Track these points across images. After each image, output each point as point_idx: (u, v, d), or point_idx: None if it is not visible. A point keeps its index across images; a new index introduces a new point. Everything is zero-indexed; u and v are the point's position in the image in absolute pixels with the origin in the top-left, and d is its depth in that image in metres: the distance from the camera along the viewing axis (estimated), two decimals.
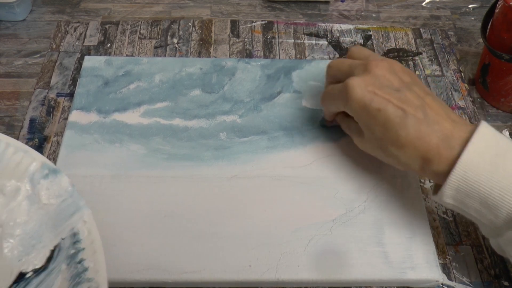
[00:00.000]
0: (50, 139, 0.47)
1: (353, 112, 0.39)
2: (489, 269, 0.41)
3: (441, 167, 0.35)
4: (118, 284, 0.38)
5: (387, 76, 0.38)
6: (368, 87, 0.37)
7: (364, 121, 0.38)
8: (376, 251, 0.39)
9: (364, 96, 0.37)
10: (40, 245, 0.32)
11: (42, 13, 0.59)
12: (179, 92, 0.49)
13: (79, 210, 0.32)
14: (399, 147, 0.36)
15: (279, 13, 0.61)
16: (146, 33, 0.57)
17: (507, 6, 0.46)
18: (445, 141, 0.35)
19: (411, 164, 0.37)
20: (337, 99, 0.40)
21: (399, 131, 0.36)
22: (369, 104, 0.37)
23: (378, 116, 0.37)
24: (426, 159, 0.35)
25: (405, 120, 0.36)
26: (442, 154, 0.35)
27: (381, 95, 0.37)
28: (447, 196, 0.35)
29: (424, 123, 0.36)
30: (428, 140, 0.35)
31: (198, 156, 0.44)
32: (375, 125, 0.37)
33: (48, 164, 0.34)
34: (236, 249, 0.39)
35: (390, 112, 0.36)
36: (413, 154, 0.36)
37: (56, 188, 0.33)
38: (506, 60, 0.47)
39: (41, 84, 0.52)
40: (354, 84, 0.37)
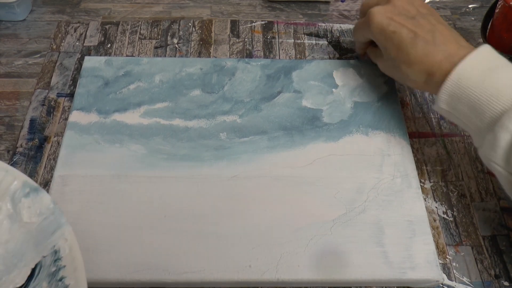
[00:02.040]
0: (50, 139, 0.47)
1: (374, 36, 0.45)
2: (489, 269, 0.41)
3: (440, 78, 0.40)
4: (118, 284, 0.38)
5: (405, 6, 0.44)
6: (387, 13, 0.44)
7: (382, 43, 0.44)
8: (376, 251, 0.39)
9: (383, 21, 0.43)
10: (21, 264, 0.32)
11: (42, 13, 0.59)
12: (179, 92, 0.49)
13: (60, 228, 0.32)
14: (409, 64, 0.42)
15: (279, 13, 0.61)
16: (146, 33, 0.57)
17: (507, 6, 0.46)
18: (448, 58, 0.40)
19: (418, 79, 0.42)
20: (363, 27, 0.47)
21: (410, 49, 0.41)
22: (386, 28, 0.43)
23: (393, 38, 0.43)
24: (430, 73, 0.41)
25: (415, 41, 0.41)
26: (443, 68, 0.40)
27: (397, 20, 0.43)
28: (442, 101, 0.40)
29: (432, 43, 0.41)
30: (433, 57, 0.40)
31: (198, 156, 0.44)
32: (391, 45, 0.43)
33: (29, 182, 0.34)
34: (236, 249, 0.39)
35: (403, 34, 0.42)
36: (420, 70, 0.41)
37: (38, 206, 0.33)
38: None
39: (41, 84, 0.52)
40: (375, 12, 0.44)
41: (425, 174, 0.46)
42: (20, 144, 0.47)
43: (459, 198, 0.45)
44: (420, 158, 0.47)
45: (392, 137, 0.46)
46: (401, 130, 0.47)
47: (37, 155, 0.46)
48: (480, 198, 0.45)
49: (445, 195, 0.45)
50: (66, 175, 0.43)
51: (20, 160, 0.46)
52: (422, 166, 0.47)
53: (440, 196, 0.45)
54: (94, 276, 0.37)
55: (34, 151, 0.46)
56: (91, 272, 0.37)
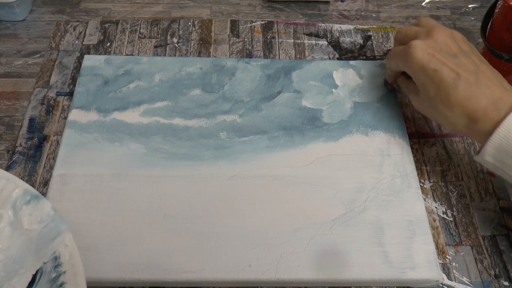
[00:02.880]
0: (50, 138, 0.47)
1: (412, 71, 0.42)
2: (489, 269, 0.41)
3: (486, 127, 0.37)
4: (118, 283, 0.38)
5: (447, 42, 0.41)
6: (428, 49, 0.41)
7: (420, 80, 0.41)
8: (376, 251, 0.39)
9: (424, 57, 0.40)
10: (22, 270, 0.33)
11: (42, 13, 0.59)
12: (179, 91, 0.49)
13: (61, 234, 0.33)
14: (449, 106, 0.39)
15: (279, 13, 0.61)
16: (146, 32, 0.57)
17: (507, 6, 0.46)
18: (493, 104, 0.38)
19: (458, 123, 0.40)
20: (400, 58, 0.43)
21: (451, 91, 0.39)
22: (427, 65, 0.40)
23: (433, 76, 0.40)
24: (473, 119, 0.38)
25: (458, 82, 0.39)
26: (489, 115, 0.37)
27: (438, 58, 0.40)
28: (489, 154, 0.37)
29: (475, 86, 0.38)
30: (477, 101, 0.38)
31: (198, 155, 0.44)
32: (430, 84, 0.40)
33: (30, 190, 0.34)
34: (236, 249, 0.39)
35: (445, 73, 0.39)
36: (461, 114, 0.39)
37: (38, 213, 0.34)
38: (506, 60, 0.47)
39: (40, 83, 0.51)
40: (416, 45, 0.41)
41: (425, 174, 0.46)
42: (19, 144, 0.47)
43: (459, 198, 0.45)
44: (420, 158, 0.47)
45: (392, 137, 0.46)
46: (401, 131, 0.47)
47: (37, 154, 0.46)
48: (480, 198, 0.45)
49: (445, 195, 0.45)
50: (65, 174, 0.43)
51: (19, 159, 0.46)
52: (422, 166, 0.47)
53: (440, 196, 0.45)
54: (94, 276, 0.37)
55: (33, 150, 0.46)
56: (91, 272, 0.37)
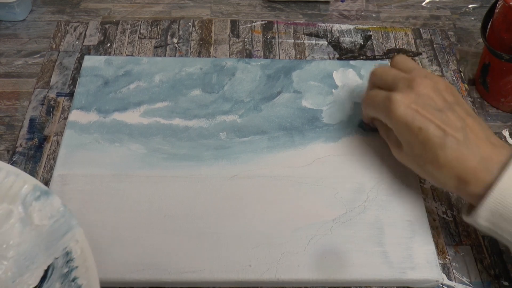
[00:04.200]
0: (50, 138, 0.47)
1: (394, 127, 0.39)
2: (489, 269, 0.41)
3: (477, 189, 0.35)
4: (118, 284, 0.38)
5: (431, 95, 0.38)
6: (411, 104, 0.38)
7: (404, 137, 0.39)
8: (376, 251, 0.39)
9: (407, 114, 0.37)
10: (33, 266, 0.33)
11: (42, 13, 0.59)
12: (179, 92, 0.49)
13: (71, 230, 0.33)
14: (437, 167, 0.37)
15: (279, 13, 0.61)
16: (146, 33, 0.57)
17: (507, 6, 0.46)
18: (483, 164, 0.35)
19: (447, 183, 0.37)
20: (379, 109, 0.40)
21: (438, 151, 0.36)
22: (411, 122, 0.37)
23: (419, 135, 0.37)
24: (463, 180, 0.36)
25: (445, 141, 0.36)
26: (479, 177, 0.35)
27: (423, 114, 0.37)
28: (482, 218, 0.35)
29: (463, 145, 0.36)
30: (466, 162, 0.36)
31: (198, 156, 0.44)
32: (415, 142, 0.38)
33: (40, 186, 0.34)
34: (236, 249, 0.39)
35: (431, 132, 0.37)
36: (450, 174, 0.37)
37: (48, 209, 0.34)
38: (506, 60, 0.47)
39: (41, 83, 0.52)
40: (398, 100, 0.38)
41: None
42: (19, 144, 0.47)
43: (459, 198, 0.45)
44: None
45: None
46: None
47: (37, 155, 0.46)
48: None
49: (445, 195, 0.45)
50: (65, 175, 0.43)
51: (19, 159, 0.46)
52: None
53: (440, 196, 0.45)
54: None
55: (33, 150, 0.46)
56: None
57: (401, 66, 0.42)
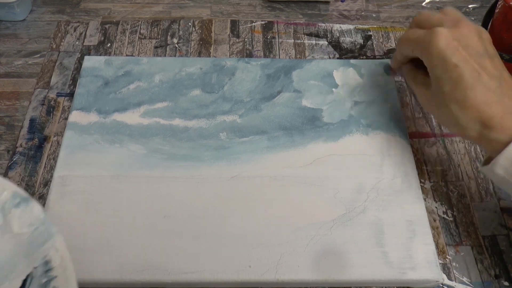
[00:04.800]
0: (50, 139, 0.47)
1: (430, 61, 0.38)
2: (489, 269, 0.41)
3: (501, 136, 0.35)
4: (117, 284, 0.38)
5: (474, 38, 0.38)
6: (453, 41, 0.37)
7: (437, 72, 0.38)
8: (376, 251, 0.39)
9: (447, 48, 0.37)
10: (12, 275, 0.32)
11: (42, 13, 0.59)
12: (179, 92, 0.49)
13: (51, 238, 0.32)
14: (463, 107, 0.36)
15: (279, 13, 0.61)
16: (146, 33, 0.57)
17: (507, 6, 0.46)
18: (511, 113, 0.35)
19: (469, 127, 0.37)
20: (418, 43, 0.40)
21: (469, 91, 0.36)
22: (449, 57, 0.37)
23: (453, 72, 0.37)
24: (487, 126, 0.36)
25: (478, 83, 0.36)
26: (505, 124, 0.35)
27: (463, 53, 0.37)
28: (500, 166, 0.35)
29: (495, 91, 0.36)
30: (495, 107, 0.35)
31: (198, 156, 0.44)
32: (447, 79, 0.37)
33: (19, 192, 0.33)
34: (236, 249, 0.39)
35: (467, 72, 0.36)
36: (475, 118, 0.36)
37: (28, 216, 0.33)
38: (506, 60, 0.47)
39: (41, 84, 0.52)
40: (441, 33, 0.37)
41: (425, 174, 0.46)
42: (19, 144, 0.47)
43: (459, 198, 0.45)
44: (420, 158, 0.47)
45: (392, 137, 0.46)
46: (401, 130, 0.47)
47: (37, 155, 0.46)
48: (480, 198, 0.45)
49: (445, 195, 0.45)
50: (66, 175, 0.43)
51: (19, 160, 0.46)
52: (422, 166, 0.47)
53: (440, 196, 0.45)
54: (94, 277, 0.37)
55: (33, 151, 0.46)
56: (91, 273, 0.37)
57: (450, 14, 0.41)
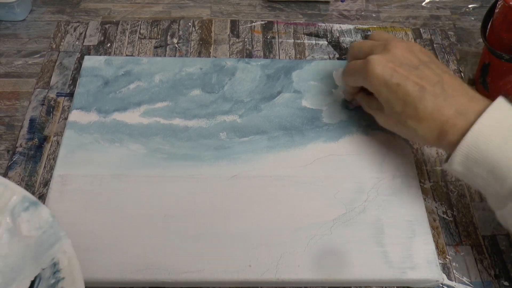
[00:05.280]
0: (50, 138, 0.47)
1: (373, 87, 0.40)
2: (489, 269, 0.41)
3: (455, 137, 0.37)
4: (118, 284, 0.38)
5: (406, 55, 0.40)
6: (388, 63, 0.39)
7: (384, 96, 0.40)
8: (376, 251, 0.39)
9: (384, 72, 0.39)
10: (20, 277, 0.32)
11: (42, 13, 0.59)
12: (179, 92, 0.49)
13: (59, 241, 0.33)
14: (418, 120, 0.38)
15: (279, 13, 0.61)
16: (146, 33, 0.57)
17: (507, 6, 0.46)
18: (461, 113, 0.37)
19: (428, 136, 0.39)
20: (358, 74, 0.42)
21: (418, 104, 0.38)
22: (389, 79, 0.39)
23: (397, 91, 0.39)
24: (443, 131, 0.37)
25: (424, 94, 0.38)
26: (457, 125, 0.37)
27: (400, 72, 0.39)
28: (457, 162, 0.37)
29: (441, 97, 0.37)
30: (445, 112, 0.37)
31: (198, 156, 0.44)
32: (395, 99, 0.39)
33: (29, 196, 0.34)
34: (236, 249, 0.39)
35: (410, 87, 0.38)
36: (431, 127, 0.38)
37: (37, 220, 0.33)
38: (506, 60, 0.47)
39: (41, 84, 0.52)
40: (375, 60, 0.40)
41: (425, 174, 0.46)
42: (19, 144, 0.47)
43: (459, 198, 0.45)
44: (420, 158, 0.47)
45: (392, 137, 0.46)
46: None
47: (37, 155, 0.46)
48: (480, 198, 0.45)
49: (445, 195, 0.45)
50: (66, 175, 0.43)
51: (19, 160, 0.46)
52: (422, 166, 0.47)
53: (440, 196, 0.45)
54: (94, 276, 0.37)
55: (33, 150, 0.46)
56: (91, 272, 0.37)
57: (377, 38, 0.44)
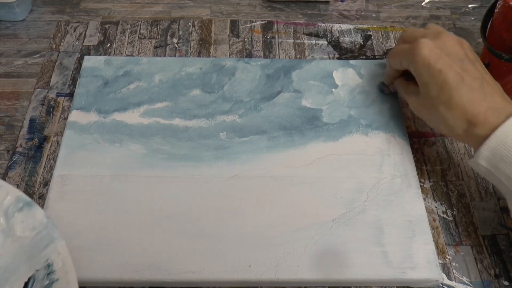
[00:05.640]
0: (50, 139, 0.47)
1: (416, 68, 0.41)
2: (489, 269, 0.41)
3: (484, 132, 0.37)
4: (118, 283, 0.38)
5: (455, 47, 0.41)
6: (436, 49, 0.40)
7: (424, 78, 0.41)
8: (376, 251, 0.39)
9: (430, 56, 0.40)
10: (14, 278, 0.32)
11: (42, 13, 0.59)
12: (179, 92, 0.49)
13: (53, 242, 0.33)
14: (450, 107, 0.39)
15: (279, 13, 0.61)
16: (146, 33, 0.57)
17: (507, 6, 0.46)
18: (494, 111, 0.37)
19: (456, 126, 0.39)
20: (405, 55, 0.43)
21: (454, 92, 0.39)
22: (433, 64, 0.40)
23: (438, 76, 0.39)
24: (472, 123, 0.38)
25: (462, 85, 0.39)
26: (488, 121, 0.37)
27: (445, 59, 0.40)
28: (483, 157, 0.37)
29: (478, 92, 0.38)
30: (478, 106, 0.38)
31: (198, 156, 0.44)
32: (433, 84, 0.40)
33: (23, 197, 0.34)
34: (236, 249, 0.39)
35: (450, 75, 0.39)
36: (461, 117, 0.39)
37: (31, 220, 0.33)
38: (506, 60, 0.47)
39: (41, 84, 0.52)
40: (424, 43, 0.41)
41: (425, 174, 0.46)
42: (19, 144, 0.47)
43: (459, 197, 0.45)
44: (420, 158, 0.47)
45: (392, 137, 0.46)
46: (401, 130, 0.47)
47: (37, 155, 0.46)
48: (480, 197, 0.45)
49: (445, 195, 0.45)
50: (65, 175, 0.43)
51: (19, 160, 0.46)
52: (422, 166, 0.47)
53: (440, 195, 0.45)
54: (94, 276, 0.37)
55: (33, 151, 0.46)
56: (91, 272, 0.37)
57: (433, 29, 0.44)
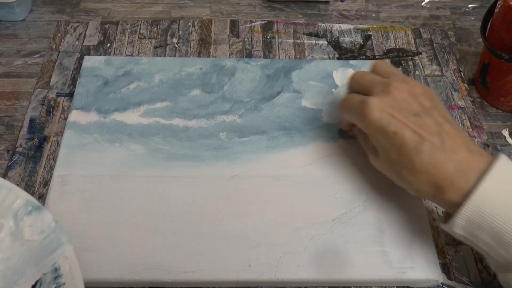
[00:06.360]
0: (50, 139, 0.47)
1: (369, 132, 0.38)
2: (488, 268, 0.41)
3: (454, 197, 0.34)
4: (118, 284, 0.38)
5: (407, 100, 0.37)
6: (387, 108, 0.37)
7: (379, 142, 0.38)
8: (376, 251, 0.39)
9: (382, 118, 0.36)
10: (21, 281, 0.33)
11: (42, 13, 0.59)
12: (179, 92, 0.49)
13: (61, 246, 0.33)
14: (413, 173, 0.36)
15: (279, 13, 0.61)
16: (146, 33, 0.57)
17: (507, 6, 0.46)
18: (460, 171, 0.34)
19: (423, 190, 0.36)
20: (354, 113, 0.39)
21: (414, 156, 0.35)
22: (385, 127, 0.36)
23: (394, 140, 0.36)
24: (439, 187, 0.35)
25: (421, 146, 0.35)
26: (456, 184, 0.34)
27: (398, 119, 0.36)
28: (458, 226, 0.34)
29: (440, 150, 0.35)
30: (443, 168, 0.34)
31: (198, 156, 0.44)
32: (391, 148, 0.37)
33: (32, 201, 0.34)
34: (236, 249, 0.39)
35: (407, 137, 0.35)
36: (426, 181, 0.35)
37: (39, 224, 0.34)
38: (506, 59, 0.47)
39: (40, 84, 0.52)
40: (372, 104, 0.37)
41: None
42: (19, 144, 0.47)
43: None
44: None
45: None
46: None
47: (37, 155, 0.46)
48: None
49: None
50: (65, 175, 0.43)
51: (19, 160, 0.46)
52: None
53: None
54: (94, 276, 0.37)
55: (33, 151, 0.46)
56: (91, 272, 0.37)
57: (380, 71, 0.41)
